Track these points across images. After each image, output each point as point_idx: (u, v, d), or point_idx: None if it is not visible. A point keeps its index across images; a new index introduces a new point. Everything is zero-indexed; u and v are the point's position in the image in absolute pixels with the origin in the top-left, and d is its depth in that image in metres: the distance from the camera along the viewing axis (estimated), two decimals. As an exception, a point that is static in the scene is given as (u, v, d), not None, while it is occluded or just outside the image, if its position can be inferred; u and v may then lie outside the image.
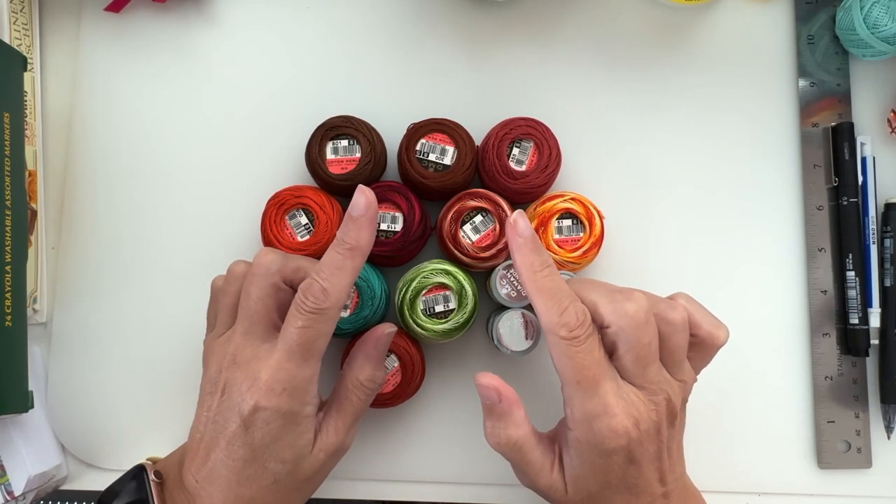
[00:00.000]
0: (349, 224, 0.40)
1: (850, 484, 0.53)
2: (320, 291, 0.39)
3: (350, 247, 0.40)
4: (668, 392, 0.39)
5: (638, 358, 0.38)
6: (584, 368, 0.38)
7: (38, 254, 0.52)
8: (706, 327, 0.41)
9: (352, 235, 0.40)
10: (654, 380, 0.39)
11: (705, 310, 0.41)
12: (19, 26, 0.53)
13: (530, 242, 0.40)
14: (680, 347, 0.39)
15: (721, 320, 0.41)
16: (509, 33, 0.55)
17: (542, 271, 0.39)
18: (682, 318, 0.39)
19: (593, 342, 0.38)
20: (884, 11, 0.51)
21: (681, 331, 0.39)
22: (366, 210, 0.40)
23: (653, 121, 0.54)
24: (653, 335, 0.38)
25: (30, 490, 0.49)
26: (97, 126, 0.54)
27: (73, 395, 0.52)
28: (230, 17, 0.55)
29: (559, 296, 0.39)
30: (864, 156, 0.53)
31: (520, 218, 0.41)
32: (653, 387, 0.39)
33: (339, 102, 0.53)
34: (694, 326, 0.40)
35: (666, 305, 0.39)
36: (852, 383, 0.53)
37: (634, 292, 0.39)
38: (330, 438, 0.42)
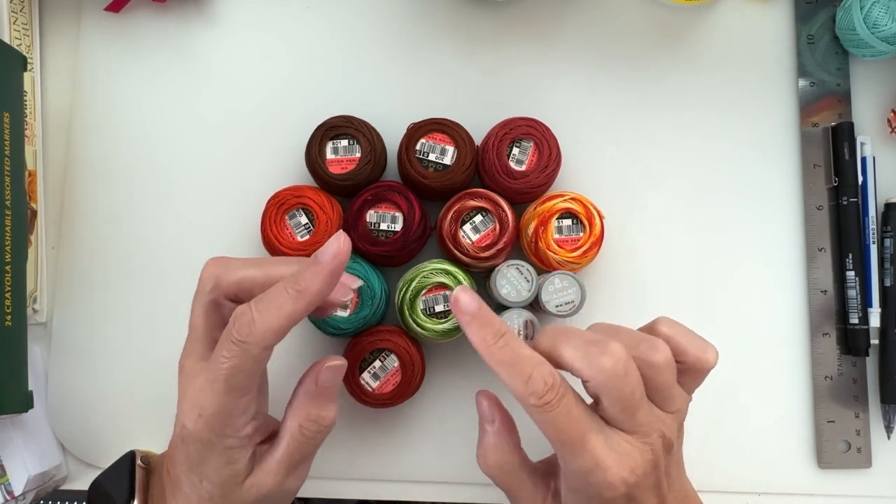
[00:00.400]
0: (309, 267, 0.37)
1: (850, 484, 0.53)
2: (248, 323, 0.36)
3: (299, 290, 0.37)
4: (662, 429, 0.38)
5: (624, 408, 0.37)
6: (565, 431, 0.36)
7: (38, 254, 0.52)
8: (693, 352, 0.39)
9: (306, 279, 0.37)
10: (644, 422, 0.37)
11: (690, 333, 0.40)
12: (19, 26, 0.53)
13: (478, 317, 0.37)
14: (667, 385, 0.38)
15: (708, 341, 0.40)
16: (509, 33, 0.55)
17: (496, 343, 0.37)
18: (665, 358, 0.37)
19: (569, 402, 0.36)
20: (884, 11, 0.51)
21: (665, 369, 0.37)
22: (332, 259, 0.37)
23: (653, 120, 0.54)
24: (636, 383, 0.37)
25: (30, 490, 0.49)
26: (97, 126, 0.54)
27: (73, 395, 0.52)
28: (230, 17, 0.55)
29: (520, 364, 0.37)
30: (864, 156, 0.53)
31: (461, 294, 0.38)
32: (644, 429, 0.37)
33: (339, 102, 0.53)
34: (680, 354, 0.39)
35: (647, 346, 0.38)
36: (852, 383, 0.53)
37: (610, 343, 0.36)
38: (265, 478, 0.39)
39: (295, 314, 0.37)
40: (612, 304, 0.53)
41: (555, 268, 0.49)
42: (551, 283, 0.47)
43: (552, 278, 0.47)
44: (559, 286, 0.47)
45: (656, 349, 0.37)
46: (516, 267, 0.47)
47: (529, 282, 0.47)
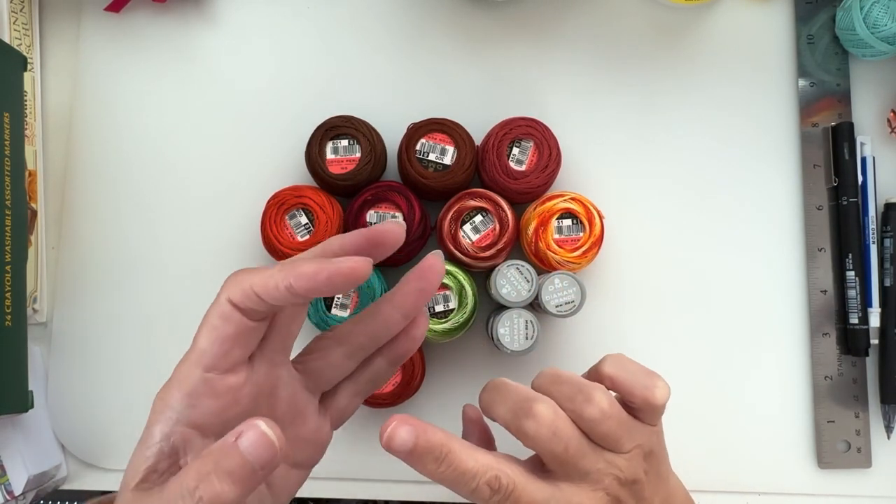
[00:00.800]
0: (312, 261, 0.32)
1: (849, 484, 0.53)
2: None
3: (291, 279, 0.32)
4: (614, 472, 0.38)
5: (561, 464, 0.37)
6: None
7: (38, 254, 0.52)
8: (639, 393, 0.38)
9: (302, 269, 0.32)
10: (591, 469, 0.37)
11: (636, 371, 0.38)
12: (19, 26, 0.53)
13: (414, 453, 0.36)
14: (611, 432, 0.37)
15: (656, 375, 0.38)
16: (509, 33, 0.55)
17: (439, 468, 0.36)
18: (599, 411, 0.37)
19: (518, 492, 0.37)
20: (884, 11, 0.51)
21: (603, 421, 0.37)
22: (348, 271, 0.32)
23: (653, 120, 0.54)
24: (567, 440, 0.37)
25: (30, 490, 0.49)
26: (97, 126, 0.54)
27: (73, 395, 0.52)
28: (230, 17, 0.55)
29: (465, 479, 0.36)
30: (864, 156, 0.53)
31: (397, 432, 0.35)
32: (593, 476, 0.37)
33: (339, 102, 0.53)
34: (627, 395, 0.38)
35: (582, 399, 0.37)
36: (852, 383, 0.53)
37: (536, 405, 0.37)
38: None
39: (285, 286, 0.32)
40: (613, 304, 0.53)
41: (555, 268, 0.49)
42: (551, 283, 0.47)
43: (552, 278, 0.47)
44: (559, 286, 0.47)
45: (590, 401, 0.37)
46: (516, 267, 0.47)
47: (529, 282, 0.47)
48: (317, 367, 0.39)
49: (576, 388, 0.38)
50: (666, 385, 0.38)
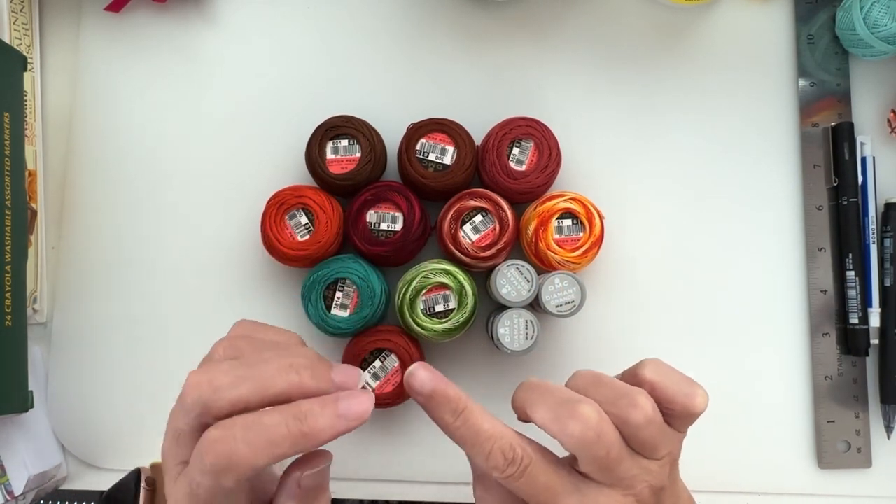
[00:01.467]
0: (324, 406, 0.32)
1: (850, 484, 0.53)
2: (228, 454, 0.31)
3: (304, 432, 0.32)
4: (648, 479, 0.37)
5: (600, 468, 0.36)
6: (534, 496, 0.36)
7: (38, 254, 0.52)
8: (680, 400, 0.37)
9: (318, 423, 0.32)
10: (626, 476, 0.36)
11: (678, 378, 0.38)
12: (19, 26, 0.53)
13: (434, 397, 0.36)
14: (651, 438, 0.36)
15: (696, 384, 0.38)
16: (509, 33, 0.55)
17: (455, 422, 0.36)
18: (645, 416, 0.36)
19: (534, 470, 0.36)
20: (884, 11, 0.51)
21: (647, 427, 0.36)
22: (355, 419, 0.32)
23: (653, 120, 0.54)
24: (610, 444, 0.36)
25: (30, 490, 0.49)
26: (97, 126, 0.54)
27: (73, 395, 0.52)
28: (230, 17, 0.55)
29: (479, 440, 0.36)
30: (864, 156, 0.53)
31: (418, 371, 0.36)
32: (626, 482, 0.37)
33: (339, 102, 0.53)
34: (667, 402, 0.37)
35: (626, 403, 0.36)
36: (852, 383, 0.53)
37: (580, 406, 0.35)
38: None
39: (288, 455, 0.32)
40: (613, 304, 0.53)
41: (555, 268, 0.49)
42: (551, 283, 0.47)
43: (552, 278, 0.47)
44: (559, 286, 0.47)
45: (635, 406, 0.36)
46: (516, 267, 0.47)
47: (529, 282, 0.47)
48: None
49: (619, 392, 0.37)
50: (706, 394, 0.37)
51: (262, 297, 0.53)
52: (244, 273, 0.53)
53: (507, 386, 0.52)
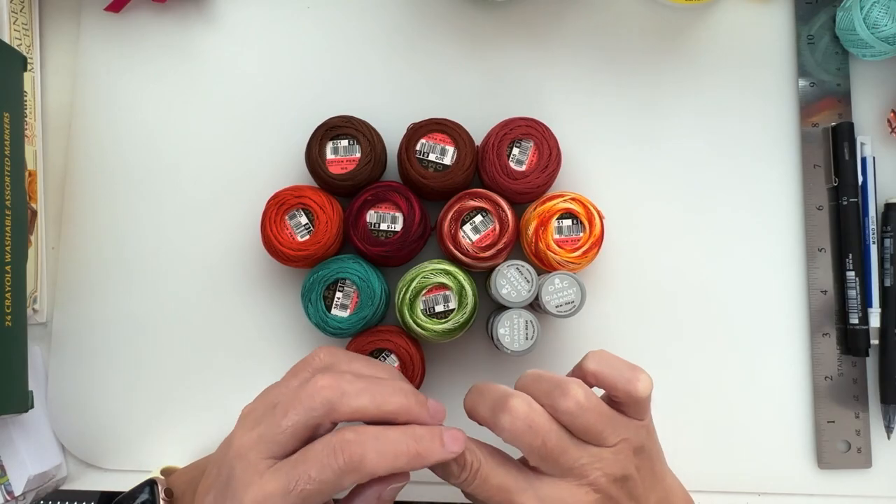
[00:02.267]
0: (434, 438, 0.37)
1: (850, 484, 0.53)
2: (359, 458, 0.35)
3: (420, 452, 0.36)
4: (601, 467, 0.38)
5: (541, 458, 0.38)
6: (490, 498, 0.38)
7: (38, 254, 0.52)
8: (622, 387, 0.39)
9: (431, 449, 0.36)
10: (574, 465, 0.38)
11: (618, 365, 0.39)
12: (19, 26, 0.53)
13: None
14: (591, 425, 0.38)
15: (638, 369, 0.39)
16: (509, 33, 0.55)
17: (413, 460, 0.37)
18: (575, 403, 0.38)
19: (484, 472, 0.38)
20: (884, 11, 0.51)
21: (580, 413, 0.38)
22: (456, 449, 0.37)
23: (652, 120, 0.54)
24: (544, 433, 0.37)
25: (30, 490, 0.49)
26: (97, 126, 0.54)
27: (73, 395, 0.52)
28: (230, 17, 0.55)
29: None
30: (864, 156, 0.53)
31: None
32: (576, 471, 0.38)
33: (339, 102, 0.53)
34: (610, 389, 0.39)
35: (558, 393, 0.38)
36: (852, 383, 0.53)
37: (510, 400, 0.38)
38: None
39: (401, 469, 0.36)
40: (613, 304, 0.53)
41: (555, 268, 0.49)
42: (551, 283, 0.47)
43: (552, 278, 0.47)
44: (559, 286, 0.47)
45: (566, 395, 0.38)
46: (516, 267, 0.47)
47: (529, 282, 0.47)
48: None
49: (553, 384, 0.39)
50: (648, 378, 0.39)
51: (262, 297, 0.53)
52: (244, 273, 0.53)
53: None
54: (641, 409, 0.40)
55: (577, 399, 0.38)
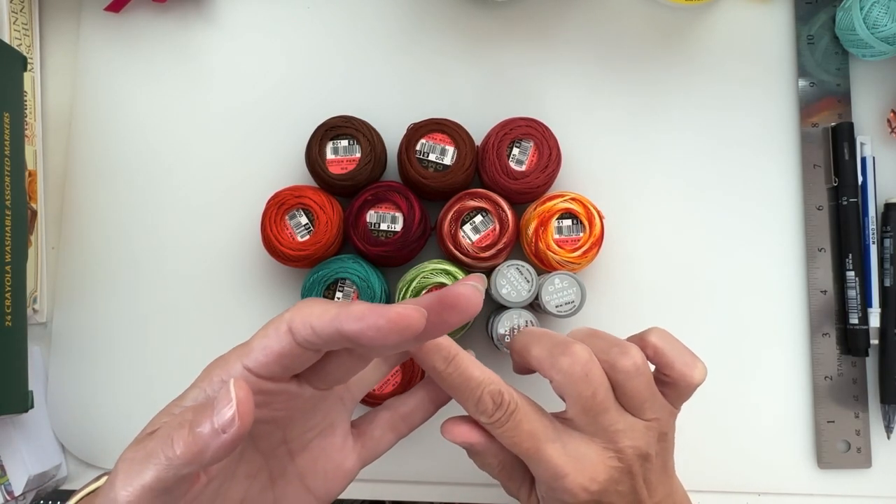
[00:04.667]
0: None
1: (850, 484, 0.53)
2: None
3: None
4: (633, 436, 0.38)
5: (584, 410, 0.37)
6: (518, 444, 0.37)
7: (38, 254, 0.52)
8: (679, 367, 0.39)
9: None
10: (609, 428, 0.37)
11: (680, 347, 0.39)
12: (19, 26, 0.53)
13: (424, 346, 0.37)
14: (638, 391, 0.38)
15: (698, 358, 0.39)
16: (509, 33, 0.55)
17: (446, 369, 0.37)
18: (633, 364, 0.38)
19: (519, 416, 0.37)
20: (884, 11, 0.51)
21: (635, 376, 0.38)
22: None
23: (653, 120, 0.54)
24: (597, 385, 0.37)
25: (30, 490, 0.49)
26: (97, 126, 0.54)
27: (73, 395, 0.52)
28: (230, 17, 0.55)
29: (469, 386, 0.37)
30: (864, 156, 0.53)
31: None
32: (609, 434, 0.38)
33: (339, 102, 0.53)
34: (666, 367, 0.39)
35: (618, 351, 0.38)
36: (852, 383, 0.53)
37: (574, 345, 0.38)
38: None
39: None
40: (612, 304, 0.53)
41: (555, 268, 0.49)
42: (551, 283, 0.47)
43: (552, 278, 0.47)
44: (559, 286, 0.47)
45: (626, 354, 0.38)
46: (516, 267, 0.47)
47: (529, 282, 0.47)
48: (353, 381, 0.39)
49: (612, 342, 0.39)
50: (705, 368, 0.39)
51: (262, 297, 0.53)
52: (244, 273, 0.53)
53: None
54: (683, 397, 0.40)
55: (635, 361, 0.38)
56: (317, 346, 0.31)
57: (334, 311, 0.29)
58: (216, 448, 0.29)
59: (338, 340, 0.30)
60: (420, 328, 0.28)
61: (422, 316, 0.28)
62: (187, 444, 0.29)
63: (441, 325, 0.29)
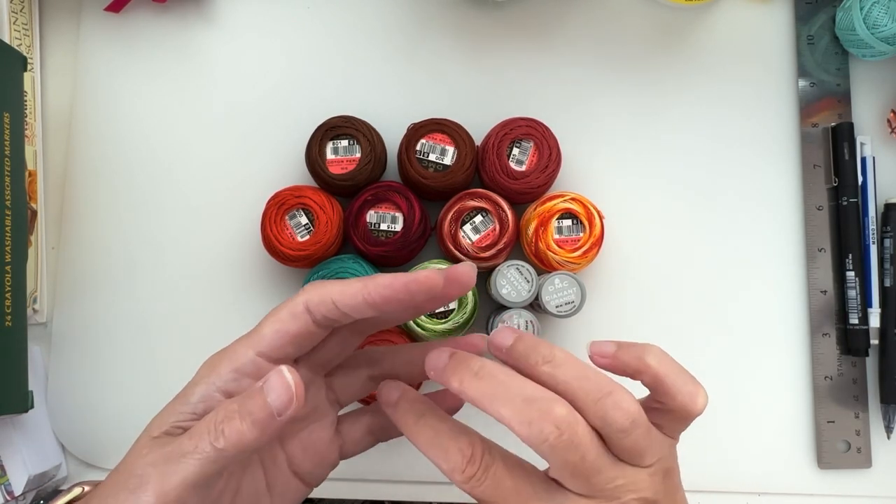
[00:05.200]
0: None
1: (850, 484, 0.53)
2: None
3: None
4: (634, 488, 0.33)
5: (574, 475, 0.32)
6: (500, 502, 0.33)
7: (38, 254, 0.52)
8: (680, 399, 0.33)
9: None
10: (607, 486, 0.33)
11: (680, 372, 0.34)
12: (19, 26, 0.53)
13: (400, 405, 0.36)
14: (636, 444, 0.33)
15: (699, 384, 0.34)
16: (509, 33, 0.55)
17: (416, 424, 0.35)
18: (632, 420, 0.32)
19: (497, 472, 0.33)
20: (884, 11, 0.51)
21: (633, 431, 0.32)
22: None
23: (653, 120, 0.54)
24: (585, 449, 0.32)
25: (30, 490, 0.49)
26: (97, 126, 0.54)
27: (73, 395, 0.52)
28: (230, 17, 0.55)
29: (438, 440, 0.34)
30: (864, 156, 0.53)
31: (385, 389, 0.37)
32: (608, 492, 0.33)
33: (339, 102, 0.53)
34: (665, 396, 0.34)
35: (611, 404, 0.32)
36: (852, 383, 0.53)
37: (551, 404, 0.31)
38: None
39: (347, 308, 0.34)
40: (612, 304, 0.53)
41: (555, 268, 0.49)
42: (551, 283, 0.47)
43: (552, 278, 0.47)
44: (559, 286, 0.47)
45: (619, 407, 0.32)
46: (516, 267, 0.47)
47: (529, 282, 0.47)
48: (341, 382, 0.40)
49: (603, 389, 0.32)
50: (706, 395, 0.34)
51: (262, 297, 0.53)
52: (244, 273, 0.53)
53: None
54: (682, 427, 0.35)
55: (631, 414, 0.32)
56: (335, 322, 0.35)
57: (357, 284, 0.34)
58: (272, 432, 0.31)
59: (362, 310, 0.34)
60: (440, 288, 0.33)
61: (440, 277, 0.33)
62: (241, 432, 0.31)
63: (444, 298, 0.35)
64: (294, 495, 0.39)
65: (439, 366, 0.34)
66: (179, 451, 0.32)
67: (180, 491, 0.31)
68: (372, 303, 0.33)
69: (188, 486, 0.31)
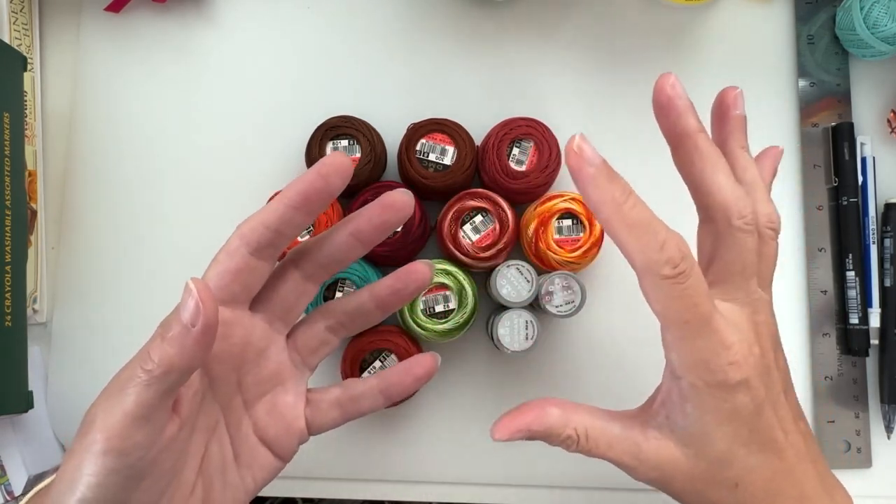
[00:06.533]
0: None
1: (850, 484, 0.52)
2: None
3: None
4: (767, 313, 0.34)
5: (745, 268, 0.32)
6: (694, 306, 0.31)
7: (38, 254, 0.52)
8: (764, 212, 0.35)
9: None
10: (754, 296, 0.33)
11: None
12: (19, 26, 0.53)
13: (604, 171, 0.32)
14: (774, 257, 0.33)
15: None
16: (509, 33, 0.55)
17: (626, 203, 0.32)
18: (779, 221, 0.34)
19: (699, 273, 0.32)
20: (884, 11, 0.51)
21: (776, 237, 0.33)
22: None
23: (652, 121, 0.54)
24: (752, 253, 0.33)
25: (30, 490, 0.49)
26: (97, 126, 0.54)
27: (73, 395, 0.52)
28: (230, 16, 0.55)
29: (654, 228, 0.32)
30: (864, 156, 0.53)
31: (584, 143, 0.32)
32: (754, 304, 0.33)
33: (339, 102, 0.53)
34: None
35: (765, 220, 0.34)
36: (852, 383, 0.53)
37: (767, 193, 0.34)
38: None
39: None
40: (612, 304, 0.53)
41: (555, 268, 0.49)
42: (551, 283, 0.47)
43: (552, 278, 0.47)
44: (559, 286, 0.47)
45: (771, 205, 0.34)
46: (516, 267, 0.47)
47: (529, 282, 0.47)
48: (302, 338, 0.40)
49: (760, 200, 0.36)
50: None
51: (262, 297, 0.53)
52: (244, 273, 0.53)
53: (507, 387, 0.52)
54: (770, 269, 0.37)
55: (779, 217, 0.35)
56: (272, 245, 0.36)
57: (276, 199, 0.35)
58: (191, 345, 0.31)
59: (290, 217, 0.35)
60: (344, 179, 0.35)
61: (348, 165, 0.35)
62: (163, 350, 0.32)
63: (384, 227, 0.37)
64: (262, 466, 0.39)
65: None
66: (118, 386, 0.32)
67: (124, 424, 0.31)
68: (293, 204, 0.35)
69: (129, 418, 0.31)
